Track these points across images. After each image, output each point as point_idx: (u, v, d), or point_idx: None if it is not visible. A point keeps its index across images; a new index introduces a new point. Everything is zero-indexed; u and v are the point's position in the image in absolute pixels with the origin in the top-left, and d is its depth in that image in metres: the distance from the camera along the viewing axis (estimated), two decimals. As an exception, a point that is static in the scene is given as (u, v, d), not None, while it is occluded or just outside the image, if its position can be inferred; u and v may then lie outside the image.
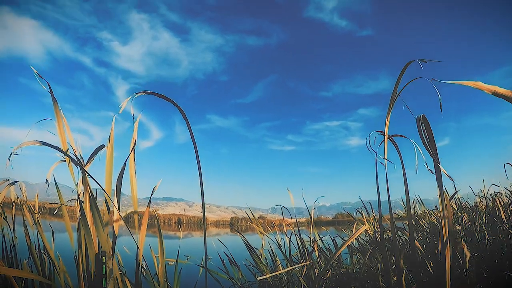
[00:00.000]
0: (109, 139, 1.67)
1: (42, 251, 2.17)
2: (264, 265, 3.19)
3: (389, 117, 1.45)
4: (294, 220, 3.42)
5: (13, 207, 2.55)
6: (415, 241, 1.60)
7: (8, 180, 2.02)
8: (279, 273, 2.63)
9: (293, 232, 3.19)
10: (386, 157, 1.48)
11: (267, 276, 1.69)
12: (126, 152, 1.68)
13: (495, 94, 0.87)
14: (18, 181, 2.08)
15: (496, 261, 2.06)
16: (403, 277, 1.38)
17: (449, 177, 1.31)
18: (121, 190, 1.73)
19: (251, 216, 3.94)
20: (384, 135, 1.50)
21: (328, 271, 2.07)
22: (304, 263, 2.35)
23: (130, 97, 1.43)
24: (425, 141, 1.31)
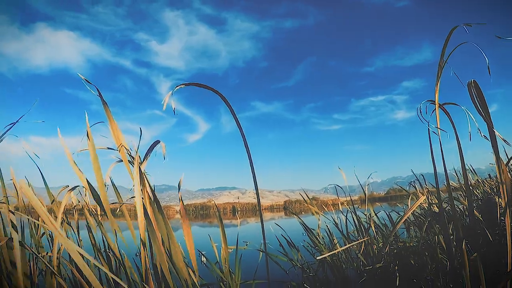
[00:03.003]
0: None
1: (107, 250, 2.29)
2: (322, 244, 3.21)
3: (438, 85, 1.42)
4: (347, 198, 3.42)
5: (75, 212, 2.70)
6: (474, 210, 1.57)
7: (68, 186, 2.14)
8: (338, 252, 2.65)
9: (348, 210, 3.19)
10: (439, 126, 1.45)
11: (326, 255, 1.72)
12: (175, 146, 1.72)
13: None
14: (78, 186, 2.19)
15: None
16: (463, 246, 1.37)
17: (505, 140, 1.28)
18: (174, 184, 1.78)
19: (305, 198, 3.97)
20: (434, 104, 1.47)
21: (386, 247, 2.07)
22: (361, 240, 2.35)
23: (171, 92, 1.47)
24: (478, 106, 1.27)
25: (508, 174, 1.34)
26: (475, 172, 4.55)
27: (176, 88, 1.49)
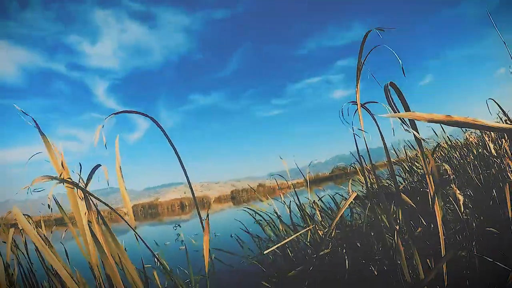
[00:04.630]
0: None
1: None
2: (270, 236, 3.23)
3: (358, 87, 1.44)
4: (294, 182, 3.44)
5: (22, 230, 2.53)
6: (402, 194, 1.62)
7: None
8: (284, 243, 2.66)
9: (291, 198, 3.21)
10: (362, 128, 1.47)
11: (272, 249, 1.70)
12: (114, 149, 1.67)
13: (432, 121, 0.85)
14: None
15: (490, 197, 2.09)
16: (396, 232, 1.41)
17: (423, 139, 1.32)
18: (117, 185, 1.73)
19: (249, 187, 3.97)
20: (356, 105, 1.49)
21: (332, 231, 2.09)
22: (307, 229, 2.37)
23: (101, 125, 1.40)
24: (393, 108, 1.31)
25: (434, 164, 1.39)
26: (412, 146, 4.71)
27: (106, 119, 1.41)
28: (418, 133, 1.26)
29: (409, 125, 1.30)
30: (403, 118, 1.27)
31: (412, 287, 1.36)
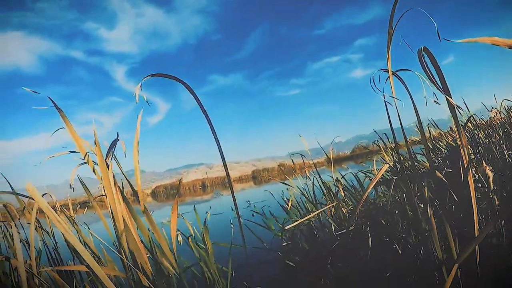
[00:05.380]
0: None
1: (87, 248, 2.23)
2: (294, 213, 3.22)
3: (389, 53, 1.37)
4: (314, 161, 3.42)
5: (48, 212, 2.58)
6: (436, 171, 1.58)
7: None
8: (308, 219, 2.65)
9: (314, 176, 3.19)
10: (394, 95, 1.42)
11: (294, 224, 1.69)
12: (134, 133, 1.69)
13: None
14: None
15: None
16: (429, 206, 1.37)
17: (458, 107, 1.26)
18: (141, 167, 1.74)
19: (270, 166, 3.96)
20: (387, 72, 1.43)
21: (357, 209, 2.07)
22: (330, 205, 2.36)
23: (140, 83, 1.39)
24: (429, 74, 1.25)
25: (466, 137, 1.35)
26: (436, 125, 4.59)
27: (144, 79, 1.41)
28: (452, 100, 1.21)
29: (443, 89, 1.25)
30: (436, 86, 1.22)
31: (443, 264, 1.34)
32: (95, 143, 1.64)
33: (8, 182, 2.31)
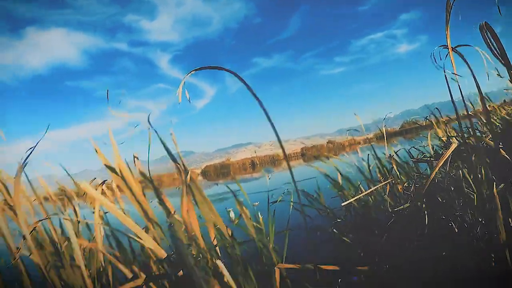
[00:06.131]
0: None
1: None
2: (347, 190, 3.21)
3: (448, 30, 1.34)
4: (363, 137, 3.38)
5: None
6: (500, 149, 1.53)
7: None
8: (363, 196, 2.64)
9: (362, 154, 3.16)
10: (455, 72, 1.38)
11: (350, 201, 1.70)
12: (186, 115, 1.74)
13: None
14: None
15: None
16: (495, 185, 1.33)
17: None
18: (191, 149, 1.79)
19: (319, 143, 3.95)
20: (447, 49, 1.39)
21: (412, 186, 2.03)
22: (386, 182, 2.33)
23: (182, 81, 1.43)
24: (493, 49, 1.21)
25: None
26: (489, 98, 4.36)
27: (187, 75, 1.44)
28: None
29: (505, 63, 1.20)
30: (500, 61, 1.18)
31: (505, 245, 1.30)
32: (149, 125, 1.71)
33: (65, 170, 2.44)
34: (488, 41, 1.21)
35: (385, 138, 3.14)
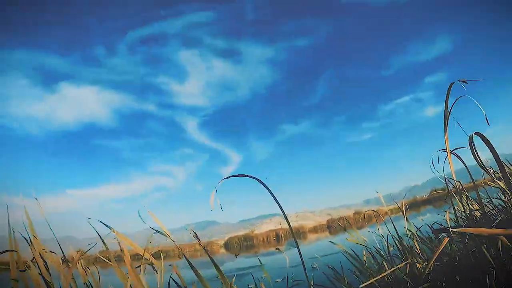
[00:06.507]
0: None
1: None
2: (368, 267, 3.16)
3: (446, 134, 1.47)
4: (390, 207, 3.37)
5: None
6: None
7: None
8: (380, 278, 2.60)
9: (389, 227, 3.14)
10: (454, 175, 1.50)
11: (368, 283, 1.69)
12: (211, 182, 1.81)
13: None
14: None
15: None
16: None
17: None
18: (214, 219, 1.85)
19: (346, 214, 3.94)
20: (446, 152, 1.51)
21: (430, 265, 2.02)
22: (404, 263, 2.31)
23: (214, 190, 1.54)
24: (478, 160, 1.34)
25: None
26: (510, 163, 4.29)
27: (220, 183, 1.57)
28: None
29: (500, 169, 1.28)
30: (485, 170, 1.26)
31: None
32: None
33: (97, 233, 2.51)
34: (475, 153, 1.33)
35: (404, 214, 3.12)
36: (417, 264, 2.49)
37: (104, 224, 2.31)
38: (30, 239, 2.22)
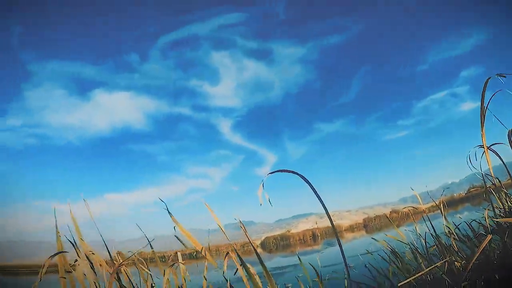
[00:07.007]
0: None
1: None
2: (407, 264, 3.14)
3: (483, 130, 1.46)
4: (428, 205, 3.34)
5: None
6: None
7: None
8: (418, 276, 2.59)
9: (426, 224, 3.11)
10: (491, 169, 1.49)
11: (406, 281, 1.70)
12: (246, 182, 1.85)
13: None
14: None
15: None
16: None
17: None
18: (251, 219, 1.89)
19: (382, 213, 3.91)
20: (483, 147, 1.50)
21: (469, 264, 2.00)
22: (443, 261, 2.29)
23: (261, 183, 1.60)
24: None
25: None
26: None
27: (266, 177, 1.62)
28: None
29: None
30: None
31: None
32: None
33: (148, 240, 2.60)
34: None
35: (442, 211, 3.08)
36: (456, 263, 2.47)
37: (176, 223, 2.35)
38: (74, 241, 2.33)
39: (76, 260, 2.23)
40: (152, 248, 2.56)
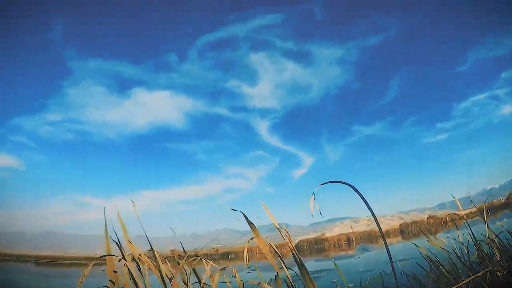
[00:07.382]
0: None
1: None
2: (448, 273, 3.08)
3: None
4: (466, 211, 3.26)
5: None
6: None
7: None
8: (461, 285, 2.54)
9: (466, 231, 3.04)
10: None
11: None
12: (283, 184, 1.86)
13: None
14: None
15: None
16: None
17: None
18: (285, 221, 1.89)
19: (419, 219, 3.85)
20: None
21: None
22: (485, 270, 2.24)
23: (313, 195, 1.62)
24: None
25: None
26: None
27: (317, 188, 1.64)
28: None
29: None
30: None
31: None
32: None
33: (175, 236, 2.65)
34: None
35: (484, 219, 3.00)
36: (497, 272, 2.41)
37: (246, 219, 2.24)
38: (119, 240, 2.39)
39: (120, 260, 2.29)
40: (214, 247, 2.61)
